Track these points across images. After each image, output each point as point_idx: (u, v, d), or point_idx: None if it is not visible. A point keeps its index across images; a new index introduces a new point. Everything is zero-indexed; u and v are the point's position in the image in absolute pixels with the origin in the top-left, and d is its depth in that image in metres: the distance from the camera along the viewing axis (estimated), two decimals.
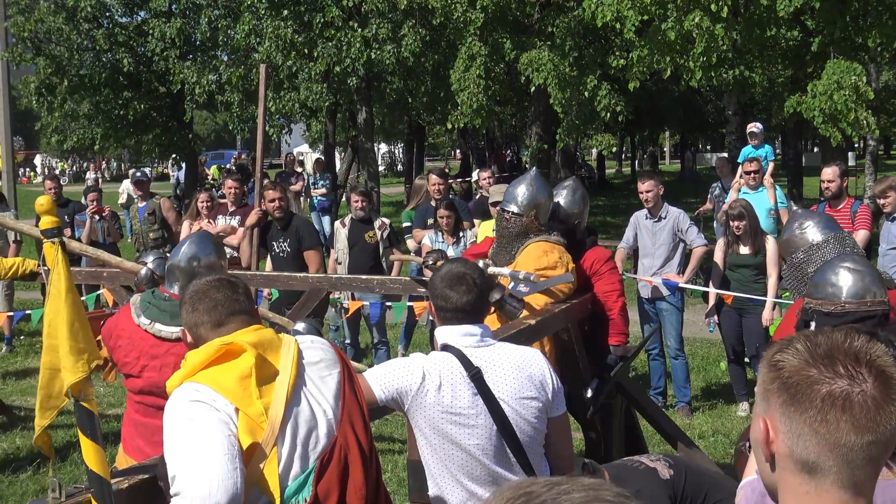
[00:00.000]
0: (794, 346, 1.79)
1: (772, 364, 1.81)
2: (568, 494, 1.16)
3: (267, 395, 3.20)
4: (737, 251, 9.70)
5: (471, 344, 4.05)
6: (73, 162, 67.60)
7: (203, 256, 5.30)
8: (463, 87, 21.16)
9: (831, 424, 1.71)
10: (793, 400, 1.75)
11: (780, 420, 1.77)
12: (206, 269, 5.19)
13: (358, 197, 11.47)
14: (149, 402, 5.20)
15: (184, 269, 5.26)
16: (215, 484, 2.89)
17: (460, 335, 4.06)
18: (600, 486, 1.19)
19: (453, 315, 4.07)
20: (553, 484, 1.19)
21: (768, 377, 1.81)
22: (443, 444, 3.96)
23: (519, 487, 1.21)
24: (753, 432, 1.85)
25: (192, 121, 32.58)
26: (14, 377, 11.81)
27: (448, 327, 4.10)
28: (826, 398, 1.72)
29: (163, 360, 5.09)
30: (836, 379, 1.73)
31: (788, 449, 1.76)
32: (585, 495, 1.16)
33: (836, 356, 1.75)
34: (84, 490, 3.26)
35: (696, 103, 44.37)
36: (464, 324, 4.07)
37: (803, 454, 1.74)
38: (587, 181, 42.75)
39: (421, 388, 3.91)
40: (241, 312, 3.40)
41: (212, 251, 5.37)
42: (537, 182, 6.49)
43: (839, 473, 1.72)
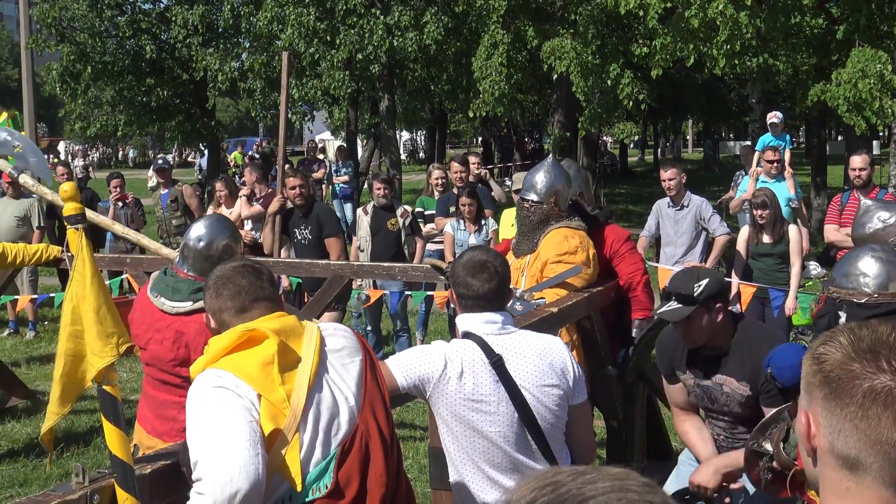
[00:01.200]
0: (838, 340, 1.76)
1: (815, 357, 1.78)
2: (594, 484, 1.16)
3: (289, 381, 3.21)
4: (760, 240, 9.65)
5: (492, 331, 4.04)
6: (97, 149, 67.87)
7: (218, 238, 5.33)
8: (485, 74, 21.12)
9: (872, 420, 1.67)
10: (834, 394, 1.72)
11: (821, 414, 1.75)
12: (219, 251, 5.27)
13: (380, 184, 11.46)
14: (153, 375, 5.37)
15: (196, 249, 5.32)
16: (237, 470, 2.90)
17: (482, 322, 4.05)
18: (626, 475, 1.19)
19: (475, 303, 4.06)
20: (579, 473, 1.19)
21: (811, 370, 1.78)
22: (464, 431, 3.96)
23: (545, 476, 1.20)
24: (797, 426, 1.82)
25: (215, 108, 32.69)
26: (38, 362, 11.88)
27: (469, 315, 4.09)
28: (868, 393, 1.68)
29: (164, 333, 5.20)
30: (878, 374, 1.69)
31: (829, 444, 1.73)
32: (611, 485, 1.16)
33: (880, 351, 1.71)
34: (107, 475, 3.27)
35: (720, 91, 44.17)
36: (485, 311, 4.06)
37: (844, 450, 1.71)
38: (609, 169, 42.69)
39: (443, 376, 3.92)
40: (264, 299, 3.40)
41: (226, 234, 5.40)
42: (554, 169, 6.50)
43: (881, 470, 1.68)
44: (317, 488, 3.18)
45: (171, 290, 5.26)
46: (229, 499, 2.88)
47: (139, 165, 62.83)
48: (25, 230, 12.98)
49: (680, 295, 4.65)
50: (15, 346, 12.88)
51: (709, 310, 4.61)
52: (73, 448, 8.56)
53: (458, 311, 4.18)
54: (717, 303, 4.61)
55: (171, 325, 5.19)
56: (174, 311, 5.21)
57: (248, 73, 27.64)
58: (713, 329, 4.66)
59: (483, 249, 4.40)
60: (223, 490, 2.88)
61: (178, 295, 5.24)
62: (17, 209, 13.12)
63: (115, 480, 3.22)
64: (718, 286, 4.65)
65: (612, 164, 45.56)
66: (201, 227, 5.40)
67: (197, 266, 5.29)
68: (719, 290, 4.64)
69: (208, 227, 5.40)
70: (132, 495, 3.20)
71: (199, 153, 36.67)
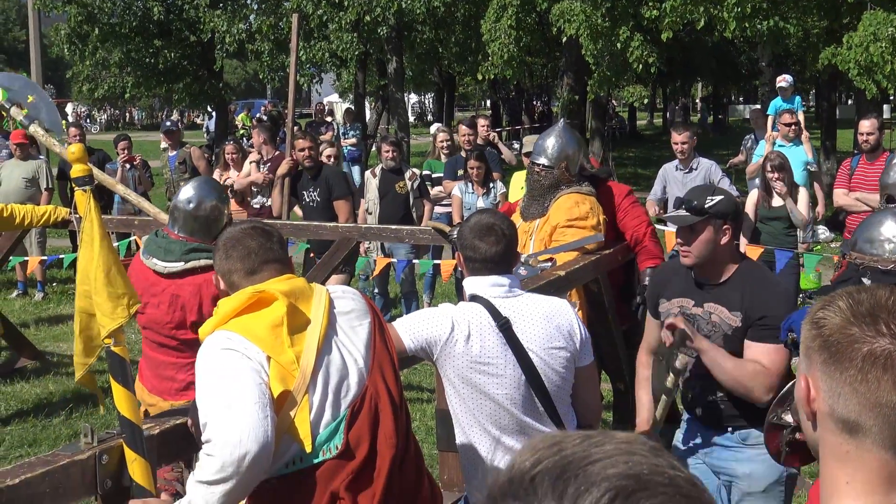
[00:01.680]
0: (837, 304, 1.76)
1: (814, 322, 1.78)
2: (600, 447, 1.16)
3: (298, 343, 3.21)
4: (769, 204, 9.61)
5: (499, 294, 4.04)
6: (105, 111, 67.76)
7: (206, 200, 5.45)
8: (494, 37, 21.00)
9: (872, 384, 1.68)
10: (833, 359, 1.72)
11: (821, 379, 1.75)
12: (207, 212, 5.42)
13: (388, 147, 11.44)
14: (150, 337, 5.49)
15: (185, 210, 5.43)
16: (246, 431, 2.91)
17: (489, 285, 4.05)
18: (633, 439, 1.18)
19: (482, 265, 4.06)
20: (585, 437, 1.19)
21: (810, 335, 1.78)
22: (471, 393, 3.97)
23: (550, 439, 1.20)
24: (796, 390, 1.83)
25: (223, 70, 32.55)
26: (47, 323, 11.92)
27: (476, 278, 4.09)
28: (867, 357, 1.69)
29: (160, 297, 5.30)
30: (877, 338, 1.69)
31: (829, 408, 1.74)
32: (617, 448, 1.16)
33: (879, 314, 1.71)
34: (116, 435, 3.29)
35: (730, 55, 43.92)
36: (493, 274, 4.06)
37: (844, 413, 1.72)
38: (618, 133, 42.52)
39: (450, 339, 3.92)
40: (274, 261, 3.40)
41: (214, 196, 5.51)
42: (566, 133, 6.48)
43: (880, 433, 1.69)
44: (327, 449, 3.19)
45: (164, 251, 5.36)
46: (238, 460, 2.89)
47: (147, 127, 62.75)
48: (33, 191, 12.99)
49: (690, 203, 4.53)
50: (24, 307, 12.93)
51: (715, 227, 4.43)
52: (81, 409, 8.60)
53: (466, 273, 4.18)
54: (725, 223, 4.44)
55: (166, 288, 5.26)
56: (166, 272, 5.30)
57: (256, 34, 27.52)
58: (715, 250, 4.47)
59: (490, 212, 4.40)
60: (232, 452, 2.89)
61: (170, 255, 5.34)
62: (25, 171, 13.13)
63: (123, 441, 3.24)
64: (731, 206, 4.50)
65: (620, 127, 45.39)
66: (190, 189, 5.51)
67: (187, 227, 5.41)
68: (731, 212, 4.47)
69: (197, 188, 5.51)
70: (140, 455, 3.22)
71: (207, 115, 36.54)
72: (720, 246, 4.46)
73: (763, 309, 4.37)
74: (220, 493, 2.92)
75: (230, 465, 2.89)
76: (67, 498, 3.19)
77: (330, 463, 3.20)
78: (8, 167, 13.37)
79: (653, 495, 1.10)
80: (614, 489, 1.10)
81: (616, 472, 1.12)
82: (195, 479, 2.97)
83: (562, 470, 1.13)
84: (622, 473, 1.12)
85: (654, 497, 1.10)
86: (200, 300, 5.22)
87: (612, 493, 1.10)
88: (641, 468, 1.13)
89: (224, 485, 2.91)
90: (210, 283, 5.17)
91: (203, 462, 2.96)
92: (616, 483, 1.11)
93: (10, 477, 2.95)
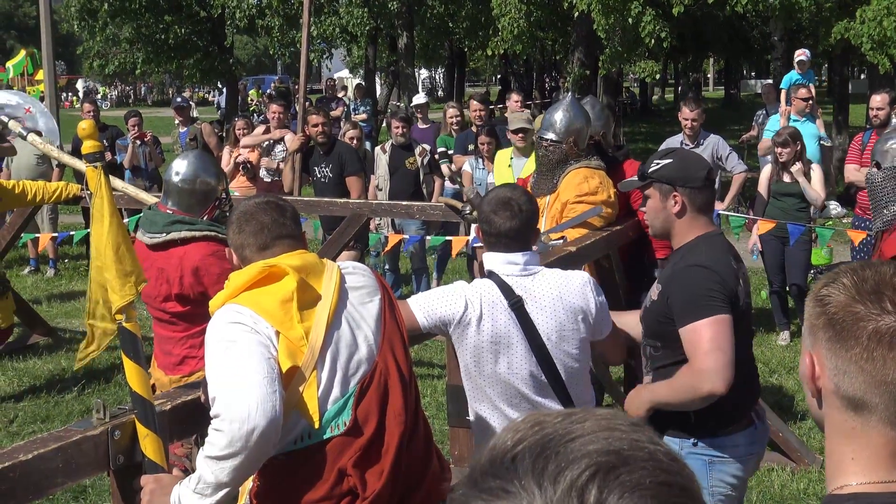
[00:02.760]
0: (841, 281, 1.76)
1: (818, 299, 1.78)
2: (580, 423, 1.16)
3: (308, 319, 3.21)
4: (781, 178, 9.58)
5: (513, 272, 4.03)
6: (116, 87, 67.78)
7: (195, 174, 5.46)
8: (504, 11, 20.91)
9: (878, 361, 1.68)
10: (838, 336, 1.72)
11: (826, 356, 1.75)
12: (196, 185, 5.43)
13: (398, 123, 11.43)
14: (150, 312, 5.58)
15: (174, 183, 5.45)
16: (254, 406, 2.91)
17: (503, 263, 4.04)
18: (613, 416, 1.19)
19: (497, 241, 4.05)
20: (567, 414, 1.19)
21: (814, 312, 1.78)
22: (482, 371, 3.98)
23: (530, 418, 1.21)
24: (800, 367, 1.83)
25: (233, 45, 32.51)
26: (59, 300, 11.97)
27: (493, 254, 4.09)
28: (873, 335, 1.68)
29: (150, 271, 5.29)
30: (882, 315, 1.69)
31: (834, 385, 1.74)
32: (598, 424, 1.16)
33: (884, 291, 1.71)
34: (128, 411, 3.31)
35: (742, 29, 43.68)
36: (508, 251, 4.05)
37: (849, 391, 1.72)
38: (629, 108, 42.39)
39: (463, 318, 3.93)
40: (287, 237, 3.39)
41: (204, 170, 5.51)
42: (574, 108, 6.43)
43: (886, 410, 1.69)
44: (335, 426, 3.19)
45: (149, 223, 5.41)
46: (246, 435, 2.90)
47: (157, 104, 62.76)
48: (45, 168, 13.01)
49: (640, 168, 4.29)
50: (36, 283, 12.97)
51: (662, 193, 4.07)
52: (93, 384, 8.64)
53: (485, 248, 4.17)
54: (674, 191, 4.04)
55: (154, 262, 5.29)
56: (151, 243, 5.34)
57: (266, 10, 27.46)
58: (665, 220, 4.11)
59: (511, 187, 4.37)
60: (241, 427, 2.90)
61: (153, 227, 5.38)
62: (36, 147, 13.13)
63: (135, 416, 3.25)
64: (680, 173, 4.05)
65: (631, 102, 45.24)
66: (180, 163, 5.53)
67: (175, 200, 5.43)
68: (679, 177, 4.04)
69: (187, 163, 5.52)
70: (152, 431, 3.23)
71: (218, 91, 36.52)
72: (671, 215, 4.08)
73: (668, 288, 4.07)
74: (229, 468, 2.93)
75: (239, 440, 2.90)
76: (80, 473, 3.22)
77: (338, 439, 3.20)
78: (20, 144, 13.35)
79: (633, 470, 1.10)
80: (594, 465, 1.10)
81: (596, 448, 1.12)
82: (204, 454, 2.98)
83: (542, 448, 1.14)
84: (602, 450, 1.12)
85: (634, 472, 1.10)
86: (182, 272, 5.24)
87: (592, 470, 1.10)
88: (621, 444, 1.14)
89: (233, 460, 2.92)
90: (191, 255, 5.20)
91: (211, 437, 2.96)
92: (596, 459, 1.11)
93: (23, 452, 2.98)
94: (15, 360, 9.51)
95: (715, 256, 3.99)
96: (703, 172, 4.07)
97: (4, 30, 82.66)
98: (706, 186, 4.07)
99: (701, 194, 4.06)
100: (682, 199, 4.04)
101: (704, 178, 4.05)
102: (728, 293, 3.88)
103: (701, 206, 4.08)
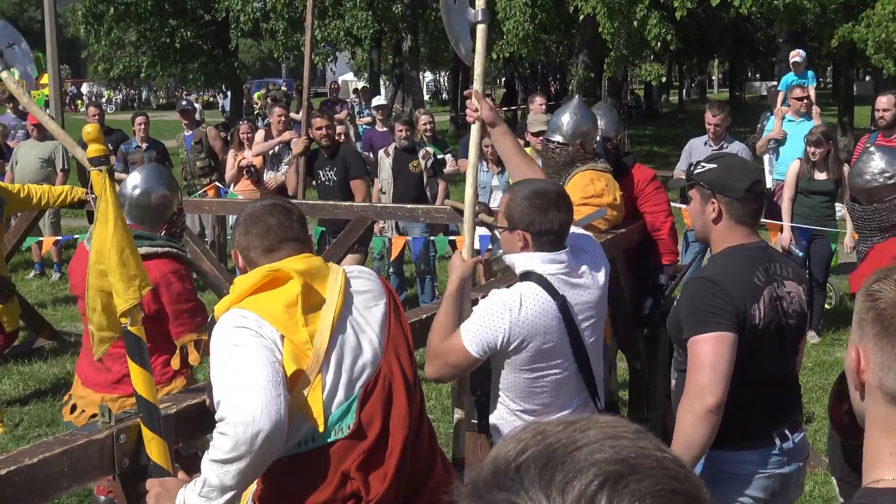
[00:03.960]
0: (893, 277, 1.77)
1: (868, 294, 1.78)
2: (584, 432, 1.16)
3: (313, 323, 3.20)
4: (812, 176, 9.64)
5: (557, 272, 3.91)
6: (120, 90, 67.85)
7: (152, 188, 5.36)
8: (509, 15, 20.91)
9: None
10: (886, 332, 1.72)
11: (872, 351, 1.75)
12: (151, 200, 5.32)
13: (402, 126, 11.42)
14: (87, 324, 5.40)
15: (129, 197, 5.35)
16: (259, 410, 2.91)
17: (544, 262, 3.91)
18: (617, 423, 1.18)
19: (545, 239, 3.91)
20: (568, 423, 1.18)
21: (864, 307, 1.78)
22: (525, 379, 3.94)
23: (532, 427, 1.20)
24: (846, 360, 1.83)
25: (238, 49, 32.56)
26: (64, 304, 11.97)
27: (532, 254, 3.93)
28: None
29: None
30: None
31: (878, 380, 1.74)
32: (602, 432, 1.15)
33: None
34: (133, 415, 3.30)
35: (746, 31, 43.67)
36: (555, 249, 3.93)
37: (892, 387, 1.72)
38: (634, 111, 42.36)
39: (509, 334, 3.81)
40: (293, 240, 3.37)
41: (161, 184, 5.41)
42: (581, 110, 6.42)
43: None
44: (339, 429, 3.19)
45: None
46: (251, 439, 2.90)
47: (163, 107, 62.81)
48: (49, 171, 13.03)
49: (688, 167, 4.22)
50: (41, 287, 12.98)
51: (703, 197, 3.97)
52: None
53: (527, 248, 3.96)
54: (713, 197, 3.92)
55: None
56: None
57: (271, 13, 27.50)
58: (703, 225, 4.02)
59: (543, 180, 4.30)
60: (245, 430, 2.89)
61: None
62: (41, 151, 13.18)
63: (140, 420, 3.25)
64: (721, 180, 3.93)
65: (636, 105, 45.19)
66: (136, 177, 5.45)
67: (131, 214, 5.31)
68: (720, 184, 3.92)
69: (143, 176, 5.43)
70: (158, 435, 3.23)
71: (223, 94, 36.54)
72: (708, 221, 3.98)
73: (680, 296, 4.06)
74: (233, 472, 2.93)
75: (243, 444, 2.90)
76: (85, 477, 3.22)
77: (341, 443, 3.19)
78: (25, 148, 13.42)
79: (642, 479, 1.10)
80: (603, 474, 1.10)
81: (603, 457, 1.12)
82: (209, 458, 2.98)
83: (547, 458, 1.13)
84: (609, 458, 1.12)
85: (643, 480, 1.10)
86: None
87: (601, 479, 1.09)
88: (628, 452, 1.13)
89: (237, 463, 2.92)
90: (151, 271, 5.12)
91: (216, 441, 2.96)
92: (604, 468, 1.10)
93: (29, 456, 2.97)
94: (20, 363, 9.51)
95: (729, 271, 3.87)
96: (745, 183, 3.91)
97: None
98: (748, 198, 3.90)
99: (741, 205, 3.92)
100: (720, 206, 3.93)
101: (746, 188, 3.89)
102: (733, 310, 3.75)
103: (740, 216, 3.94)
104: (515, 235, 3.93)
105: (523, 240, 3.91)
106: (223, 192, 12.73)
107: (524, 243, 3.92)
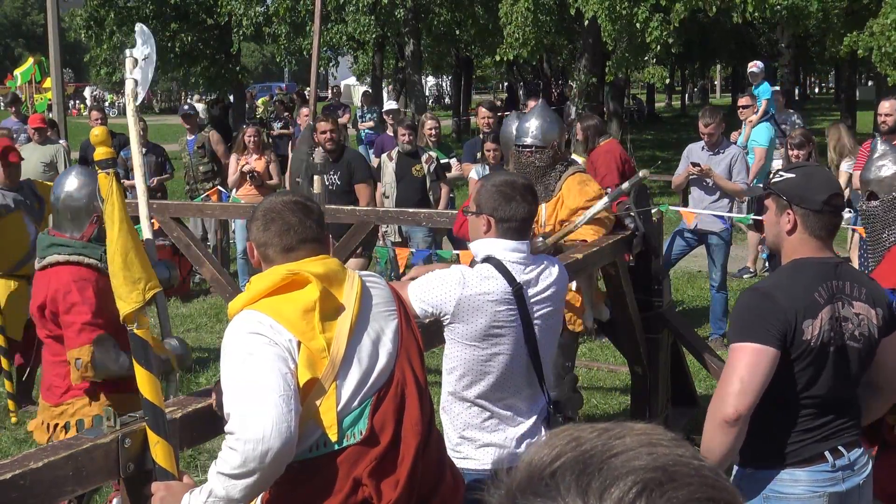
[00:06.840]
0: None
1: None
2: (621, 439, 1.15)
3: (329, 329, 3.17)
4: None
5: (516, 260, 4.07)
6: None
7: (75, 193, 5.30)
8: (511, 19, 20.91)
9: None
10: None
11: None
12: (69, 205, 5.26)
13: (405, 130, 11.42)
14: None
15: (55, 205, 5.34)
16: (269, 427, 2.89)
17: (507, 250, 4.08)
18: (652, 430, 1.18)
19: (509, 226, 4.09)
20: (603, 430, 1.18)
21: None
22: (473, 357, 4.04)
23: (566, 433, 1.19)
24: None
25: (240, 53, 32.57)
26: None
27: (495, 240, 4.10)
28: None
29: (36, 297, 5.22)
30: None
31: None
32: (639, 440, 1.15)
33: None
34: (138, 419, 3.30)
35: (749, 36, 43.66)
36: (518, 238, 4.10)
37: None
38: (636, 115, 42.33)
39: (459, 304, 3.96)
40: (311, 240, 3.30)
41: (85, 187, 5.31)
42: (547, 112, 6.60)
43: None
44: (351, 434, 3.16)
45: (39, 247, 5.31)
46: (261, 456, 2.87)
47: (165, 111, 62.80)
48: (52, 175, 13.01)
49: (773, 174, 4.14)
50: None
51: (778, 207, 3.86)
52: None
53: (490, 234, 4.13)
54: (789, 208, 3.80)
55: (37, 285, 5.23)
56: (37, 267, 5.26)
57: (273, 17, 27.52)
58: (776, 235, 3.90)
59: (511, 174, 4.64)
60: (255, 448, 2.87)
61: (39, 251, 5.28)
62: (43, 155, 13.17)
63: (146, 424, 3.25)
64: (798, 191, 3.79)
65: (638, 109, 45.14)
66: (61, 181, 5.40)
67: (55, 220, 5.35)
68: (797, 195, 3.79)
69: (65, 181, 5.38)
70: (163, 438, 3.23)
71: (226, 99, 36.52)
72: (782, 232, 3.86)
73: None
74: (241, 486, 2.92)
75: (252, 461, 2.88)
76: (90, 481, 3.22)
77: (353, 449, 3.16)
78: (27, 151, 13.37)
79: (680, 486, 1.10)
80: (642, 482, 1.09)
81: (641, 464, 1.11)
82: (216, 470, 2.96)
83: (584, 464, 1.13)
84: (647, 466, 1.11)
85: (682, 488, 1.10)
86: (45, 297, 5.11)
87: (640, 486, 1.09)
88: (666, 459, 1.13)
89: (245, 479, 2.91)
90: (54, 279, 5.09)
91: (225, 455, 2.94)
92: (643, 476, 1.10)
93: (34, 460, 2.97)
94: None
95: (787, 284, 3.78)
96: (823, 195, 3.79)
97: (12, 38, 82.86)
98: (825, 211, 3.78)
99: (817, 217, 3.81)
100: (796, 217, 3.81)
101: (824, 201, 3.77)
102: (781, 325, 3.64)
103: (815, 229, 3.83)
104: (481, 219, 4.13)
105: (487, 224, 4.10)
106: (225, 196, 12.72)
107: (487, 227, 4.11)
